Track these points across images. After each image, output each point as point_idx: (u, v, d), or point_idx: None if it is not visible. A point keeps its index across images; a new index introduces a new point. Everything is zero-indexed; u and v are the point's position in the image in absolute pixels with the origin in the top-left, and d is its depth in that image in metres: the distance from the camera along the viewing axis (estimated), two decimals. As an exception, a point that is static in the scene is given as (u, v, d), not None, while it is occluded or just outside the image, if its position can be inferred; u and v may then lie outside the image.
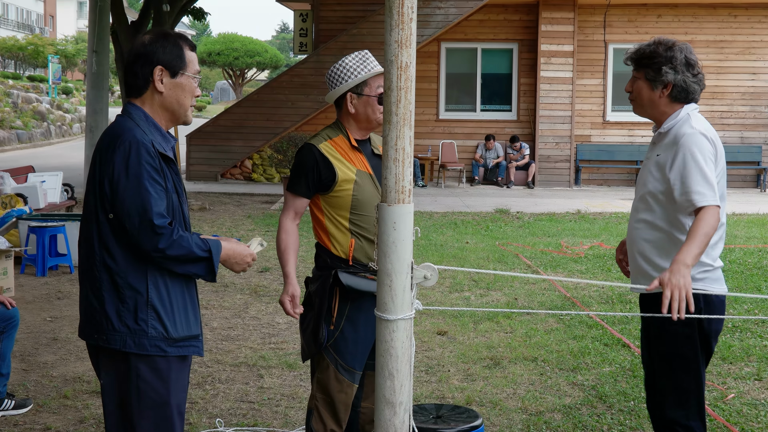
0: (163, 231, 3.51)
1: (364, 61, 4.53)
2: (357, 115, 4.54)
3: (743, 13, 23.16)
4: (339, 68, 4.54)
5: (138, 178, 3.53)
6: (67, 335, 8.04)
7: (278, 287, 10.17)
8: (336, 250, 4.48)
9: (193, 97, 3.80)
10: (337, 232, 4.49)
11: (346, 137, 4.54)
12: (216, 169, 22.53)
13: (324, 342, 4.45)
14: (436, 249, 12.89)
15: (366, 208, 4.45)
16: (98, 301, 3.62)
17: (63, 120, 40.13)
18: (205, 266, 3.65)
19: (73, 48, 60.05)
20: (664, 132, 4.30)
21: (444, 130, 23.44)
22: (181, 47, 3.74)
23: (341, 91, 4.54)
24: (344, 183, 4.44)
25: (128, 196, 3.52)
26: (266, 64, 64.24)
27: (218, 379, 6.91)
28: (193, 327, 3.75)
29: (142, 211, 3.51)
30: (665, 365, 4.29)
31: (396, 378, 3.34)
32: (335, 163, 4.45)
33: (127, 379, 3.64)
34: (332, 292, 4.45)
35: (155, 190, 3.55)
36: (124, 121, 3.68)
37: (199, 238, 3.64)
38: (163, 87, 3.70)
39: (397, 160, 3.32)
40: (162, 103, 3.73)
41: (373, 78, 4.52)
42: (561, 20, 22.61)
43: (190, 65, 3.76)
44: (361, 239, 4.46)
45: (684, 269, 3.88)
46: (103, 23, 17.09)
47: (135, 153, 3.55)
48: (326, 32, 23.30)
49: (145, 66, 3.70)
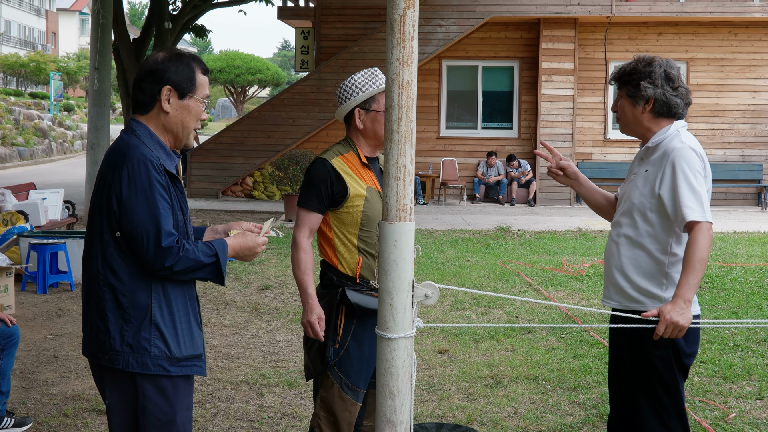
0: (171, 250, 3.50)
1: (373, 77, 4.55)
2: (365, 130, 4.55)
3: (743, 31, 23.21)
4: (348, 84, 4.55)
5: (146, 195, 3.51)
6: (67, 353, 8.03)
7: (278, 305, 10.16)
8: (343, 267, 4.47)
9: (198, 121, 3.77)
10: (344, 250, 4.48)
11: (356, 154, 4.54)
12: (217, 187, 22.55)
13: (330, 360, 4.44)
14: (437, 267, 12.88)
15: (374, 225, 4.45)
16: (102, 320, 3.60)
17: (64, 137, 40.21)
18: (212, 270, 3.63)
19: (75, 65, 60.23)
20: (653, 147, 4.29)
21: (445, 147, 23.46)
22: (193, 69, 3.72)
23: (350, 107, 4.55)
24: (355, 199, 4.44)
25: (137, 213, 3.50)
26: (268, 81, 64.43)
27: (218, 397, 6.89)
28: (196, 346, 3.73)
29: (151, 229, 3.49)
30: (643, 389, 4.28)
31: (397, 397, 3.33)
32: (347, 179, 4.45)
33: (132, 399, 3.63)
34: (339, 310, 4.44)
35: (164, 208, 3.53)
36: (129, 138, 3.65)
37: (204, 245, 3.62)
38: (169, 107, 3.68)
39: (398, 178, 3.32)
40: (166, 124, 3.71)
41: (381, 94, 4.51)
42: (562, 38, 22.66)
43: (200, 89, 3.73)
44: (368, 257, 4.46)
45: (685, 305, 3.91)
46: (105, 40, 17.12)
47: (144, 170, 3.52)
48: (327, 50, 23.35)
49: (154, 84, 3.67)
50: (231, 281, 11.54)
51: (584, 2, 22.03)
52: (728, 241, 16.10)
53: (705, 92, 23.20)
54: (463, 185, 22.77)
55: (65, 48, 76.88)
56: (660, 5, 22.69)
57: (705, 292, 11.10)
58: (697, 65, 23.29)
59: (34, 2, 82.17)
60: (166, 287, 3.61)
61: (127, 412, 3.65)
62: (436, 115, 23.43)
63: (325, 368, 4.46)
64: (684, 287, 3.92)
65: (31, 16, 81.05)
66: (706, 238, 3.99)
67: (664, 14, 22.71)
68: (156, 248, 3.49)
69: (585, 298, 10.83)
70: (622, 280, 4.30)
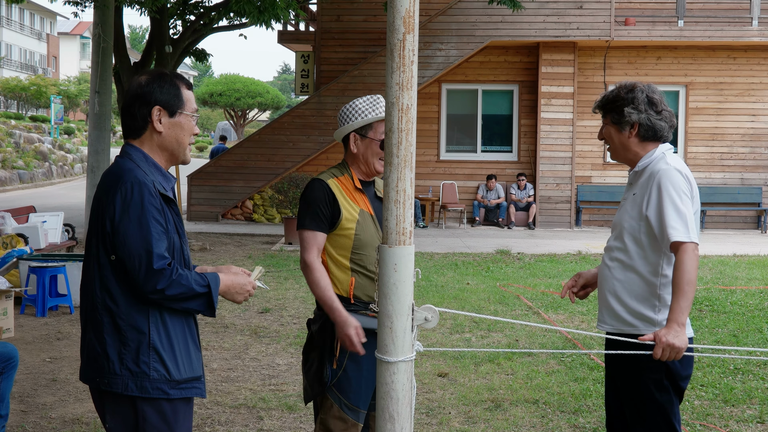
0: (163, 272, 3.50)
1: (374, 104, 4.56)
2: (358, 155, 4.57)
3: (742, 55, 23.28)
4: (349, 108, 4.58)
5: (139, 219, 3.52)
6: (66, 376, 8.01)
7: (278, 328, 10.14)
8: (337, 288, 4.47)
9: (191, 136, 3.79)
10: (337, 271, 4.48)
11: (350, 177, 4.56)
12: (217, 210, 22.55)
13: (328, 382, 4.43)
14: (437, 290, 12.86)
15: (366, 248, 4.46)
16: (100, 344, 3.60)
17: (65, 160, 40.25)
18: (205, 302, 3.63)
19: (76, 88, 60.36)
20: (640, 170, 4.36)
21: (445, 171, 23.48)
22: (178, 86, 3.74)
23: (347, 131, 4.57)
24: (348, 222, 4.45)
25: (130, 237, 3.51)
26: (268, 104, 64.54)
27: (218, 421, 6.87)
28: (195, 369, 3.72)
29: (143, 253, 3.50)
30: (637, 413, 4.29)
31: (397, 421, 3.32)
32: (341, 201, 4.47)
33: (133, 423, 3.62)
34: (334, 330, 4.42)
35: (156, 231, 3.53)
36: (124, 162, 3.67)
37: (197, 275, 3.63)
38: (162, 127, 3.70)
39: (398, 202, 3.32)
40: (161, 143, 3.73)
41: (380, 123, 4.53)
42: (561, 62, 22.72)
43: (188, 104, 3.76)
44: (361, 277, 4.46)
45: (679, 329, 3.95)
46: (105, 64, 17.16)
47: (137, 193, 3.54)
48: (327, 73, 23.41)
49: (143, 107, 3.69)
50: (231, 304, 11.52)
51: (583, 26, 22.10)
52: (728, 264, 16.09)
53: (704, 116, 23.26)
54: (463, 208, 22.77)
55: (66, 71, 77.03)
56: (658, 29, 22.77)
57: (705, 315, 11.09)
58: (696, 89, 23.35)
59: (35, 26, 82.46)
60: (163, 310, 3.61)
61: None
62: (436, 139, 23.46)
63: (323, 390, 4.45)
64: (676, 311, 3.97)
65: (32, 39, 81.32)
66: (692, 258, 4.00)
67: (663, 38, 22.78)
68: (147, 270, 3.49)
69: (585, 321, 10.81)
70: (616, 304, 4.33)
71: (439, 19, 22.00)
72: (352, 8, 22.98)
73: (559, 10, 22.03)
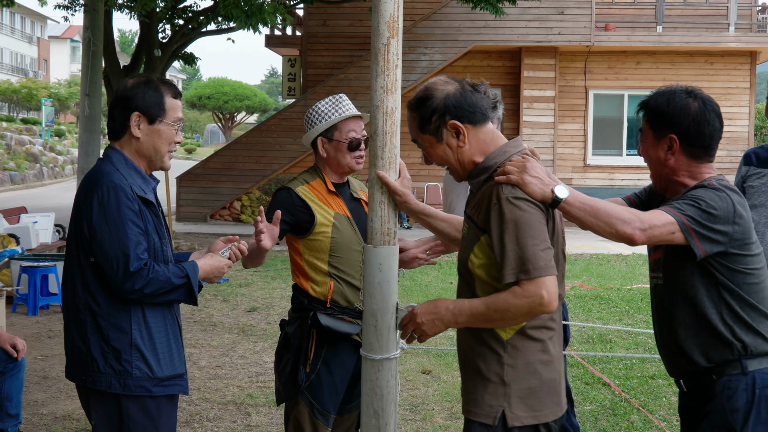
0: (140, 273, 3.50)
1: (337, 105, 4.45)
2: (329, 159, 4.46)
3: (719, 60, 23.37)
4: (312, 112, 4.47)
5: (115, 222, 3.51)
6: (57, 374, 7.99)
7: (265, 326, 10.14)
8: (315, 292, 4.37)
9: (171, 144, 3.75)
10: (315, 275, 4.37)
11: (323, 181, 4.46)
12: (205, 211, 22.50)
13: (302, 385, 4.34)
14: (421, 289, 12.87)
15: (344, 251, 4.36)
16: (84, 344, 3.61)
17: (55, 162, 40.09)
18: (185, 292, 3.64)
19: (66, 91, 60.14)
20: None
21: (429, 172, 23.48)
22: (161, 94, 3.70)
23: (312, 136, 4.48)
24: (322, 226, 4.34)
25: (106, 240, 3.51)
26: (255, 107, 64.37)
27: (206, 417, 6.86)
28: (177, 366, 3.73)
29: (120, 255, 3.49)
30: None
31: (381, 417, 3.33)
32: (313, 207, 4.36)
33: (117, 420, 3.63)
34: (310, 334, 4.35)
35: (133, 234, 3.53)
36: (104, 165, 3.67)
37: (176, 267, 3.63)
38: (139, 133, 3.68)
39: (382, 203, 3.33)
40: (138, 149, 3.70)
41: (344, 122, 4.43)
42: (543, 66, 22.76)
43: (170, 113, 3.71)
44: (340, 282, 4.35)
45: None
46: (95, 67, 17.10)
47: (113, 197, 3.53)
48: (314, 77, 23.40)
49: (123, 110, 3.68)
50: (219, 303, 11.52)
51: (564, 32, 22.15)
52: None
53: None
54: (447, 209, 22.74)
55: (56, 75, 76.73)
56: (638, 35, 22.85)
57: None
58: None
59: (26, 30, 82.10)
60: (145, 309, 3.61)
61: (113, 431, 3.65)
62: (420, 141, 23.45)
63: (296, 392, 4.36)
64: None
65: (23, 43, 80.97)
66: None
67: (642, 44, 22.86)
68: (125, 273, 3.49)
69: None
70: None
71: (423, 24, 22.02)
72: (338, 13, 22.97)
73: (540, 16, 22.07)
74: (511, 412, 3.09)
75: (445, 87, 3.25)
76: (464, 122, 3.20)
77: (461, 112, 3.20)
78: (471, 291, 3.20)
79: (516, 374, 3.11)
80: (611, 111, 23.67)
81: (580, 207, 3.18)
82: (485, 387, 3.14)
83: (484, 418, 3.12)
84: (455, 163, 3.28)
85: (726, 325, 3.32)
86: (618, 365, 8.67)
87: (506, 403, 3.10)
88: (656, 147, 3.49)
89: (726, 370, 3.33)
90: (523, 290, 2.96)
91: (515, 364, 3.12)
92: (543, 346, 3.15)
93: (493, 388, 3.12)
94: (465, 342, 3.26)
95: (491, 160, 3.19)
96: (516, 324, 3.09)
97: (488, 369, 3.14)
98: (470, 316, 3.07)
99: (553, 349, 3.18)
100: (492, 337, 3.14)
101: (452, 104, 3.20)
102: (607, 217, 3.19)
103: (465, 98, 3.22)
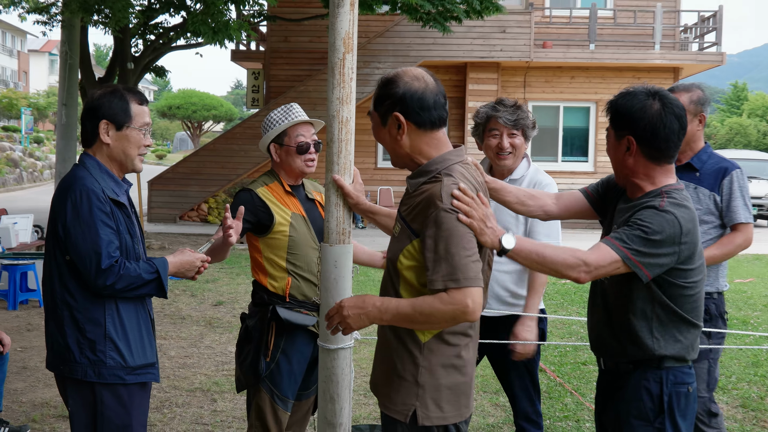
0: (112, 269, 3.49)
1: (287, 112, 4.44)
2: (282, 163, 4.45)
3: (645, 75, 23.64)
4: (266, 120, 4.47)
5: (88, 222, 3.51)
6: (36, 364, 7.89)
7: (231, 319, 10.09)
8: (273, 287, 4.36)
9: (140, 148, 3.73)
10: (274, 272, 4.36)
11: (279, 183, 4.45)
12: (175, 212, 22.33)
13: (262, 374, 4.33)
14: (374, 284, 12.87)
15: (301, 248, 4.36)
16: (61, 336, 3.60)
17: (34, 167, 39.53)
18: (155, 286, 3.62)
19: (45, 101, 59.32)
20: None
21: (382, 177, 23.51)
22: (127, 102, 3.68)
23: (266, 142, 4.47)
24: (280, 225, 4.34)
25: (80, 239, 3.50)
26: (221, 117, 64.03)
27: (175, 403, 6.82)
28: (149, 356, 3.71)
29: (92, 254, 3.49)
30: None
31: (337, 402, 3.33)
32: (272, 207, 4.35)
33: (92, 406, 3.61)
34: (270, 326, 4.34)
35: (105, 233, 3.52)
36: (78, 170, 3.65)
37: (146, 263, 3.62)
38: (109, 139, 3.66)
39: (338, 205, 3.34)
40: (109, 154, 3.69)
41: (293, 128, 4.42)
42: (486, 80, 22.88)
43: (136, 118, 3.69)
44: (297, 278, 4.35)
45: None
46: (72, 79, 16.95)
47: (86, 200, 3.52)
48: (276, 89, 23.32)
49: (92, 119, 3.67)
50: (187, 297, 11.44)
51: (506, 49, 22.27)
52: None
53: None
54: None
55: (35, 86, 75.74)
56: (573, 52, 23.04)
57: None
58: (605, 105, 23.63)
59: (6, 43, 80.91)
60: (118, 303, 3.60)
61: (88, 418, 3.63)
62: (374, 149, 23.48)
63: (257, 381, 4.34)
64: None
65: (4, 56, 79.78)
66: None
67: (577, 60, 23.06)
68: (97, 270, 3.48)
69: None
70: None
71: (377, 41, 22.03)
72: (299, 30, 22.91)
73: (484, 34, 22.18)
74: (422, 412, 3.02)
75: (412, 81, 3.10)
76: (408, 119, 3.06)
77: (410, 110, 3.06)
78: (394, 287, 3.10)
79: (429, 376, 3.03)
80: (548, 121, 23.85)
81: (526, 255, 3.13)
82: (400, 385, 3.06)
83: (398, 415, 3.06)
84: (390, 150, 3.16)
85: (653, 338, 3.27)
86: (553, 352, 8.75)
87: (418, 403, 3.02)
88: (617, 147, 3.36)
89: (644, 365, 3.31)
90: (450, 297, 2.87)
91: (429, 366, 3.03)
92: (457, 352, 3.07)
93: (407, 387, 3.05)
94: (385, 338, 3.18)
95: (432, 165, 3.06)
96: (438, 329, 3.02)
97: (404, 368, 3.06)
98: (396, 316, 2.96)
99: (467, 355, 3.10)
100: (410, 339, 3.05)
101: (407, 99, 3.06)
102: (554, 264, 3.13)
103: (422, 100, 3.07)
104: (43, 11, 19.19)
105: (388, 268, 3.13)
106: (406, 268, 3.03)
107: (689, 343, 3.32)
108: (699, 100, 4.76)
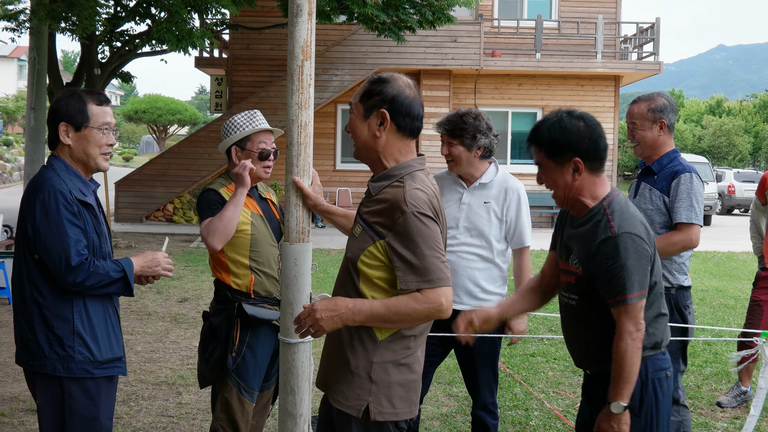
0: (81, 266, 3.46)
1: (251, 118, 4.41)
2: None
3: (588, 83, 23.90)
4: (229, 123, 4.42)
5: (56, 222, 3.46)
6: (5, 359, 7.76)
7: (195, 315, 10.01)
8: (237, 285, 4.32)
9: (102, 147, 3.66)
10: (237, 270, 4.32)
11: None
12: (141, 212, 22.12)
13: (230, 368, 4.30)
14: (332, 281, 12.82)
15: (261, 245, 4.34)
16: (31, 333, 3.55)
17: (3, 168, 38.95)
18: (122, 285, 3.59)
19: (14, 105, 58.38)
20: None
21: (340, 179, 23.49)
22: (84, 103, 3.62)
23: (227, 144, 4.43)
24: (242, 224, 4.30)
25: (48, 239, 3.46)
26: (186, 121, 63.50)
27: (141, 396, 6.75)
28: (116, 350, 3.68)
29: (61, 252, 3.45)
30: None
31: (297, 393, 3.32)
32: None
33: (60, 400, 3.57)
34: (235, 322, 4.30)
35: (72, 232, 3.48)
36: (46, 172, 3.60)
37: (113, 263, 3.58)
38: (69, 140, 3.62)
39: (297, 205, 3.33)
40: (72, 155, 3.64)
41: (256, 134, 4.39)
42: (438, 87, 22.96)
43: (95, 118, 3.62)
44: (259, 274, 4.33)
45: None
46: (40, 84, 16.73)
47: (53, 200, 3.47)
48: (238, 94, 23.21)
49: (53, 122, 3.63)
50: (153, 294, 11.33)
51: (457, 57, 22.36)
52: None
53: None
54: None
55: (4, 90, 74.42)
56: (520, 60, 23.20)
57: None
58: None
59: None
60: (86, 300, 3.56)
61: (56, 411, 3.58)
62: (333, 151, 23.45)
63: (225, 375, 4.31)
64: None
65: (-26, 61, 78.52)
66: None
67: (524, 68, 23.22)
68: (66, 267, 3.45)
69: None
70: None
71: (335, 49, 22.00)
72: (260, 38, 22.81)
73: (437, 43, 22.25)
74: (375, 407, 2.99)
75: (405, 88, 3.08)
76: (393, 120, 3.05)
77: (397, 112, 3.05)
78: (354, 285, 3.04)
79: (383, 373, 3.00)
80: (497, 126, 23.98)
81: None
82: (353, 380, 3.02)
83: (350, 410, 3.01)
84: (361, 143, 3.12)
85: None
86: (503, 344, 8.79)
87: (371, 398, 2.99)
88: (561, 173, 3.33)
89: None
90: (424, 297, 2.88)
91: (383, 363, 3.01)
92: (411, 351, 3.06)
93: (359, 382, 3.01)
94: (337, 334, 3.11)
95: (396, 170, 3.05)
96: (411, 326, 3.01)
97: (357, 364, 3.01)
98: (369, 316, 2.93)
99: (420, 354, 3.10)
100: (368, 336, 3.01)
101: (397, 102, 3.04)
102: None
103: (410, 107, 3.08)
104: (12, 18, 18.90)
105: (347, 265, 3.09)
106: (367, 266, 3.00)
107: (660, 331, 3.36)
108: (657, 107, 4.81)
